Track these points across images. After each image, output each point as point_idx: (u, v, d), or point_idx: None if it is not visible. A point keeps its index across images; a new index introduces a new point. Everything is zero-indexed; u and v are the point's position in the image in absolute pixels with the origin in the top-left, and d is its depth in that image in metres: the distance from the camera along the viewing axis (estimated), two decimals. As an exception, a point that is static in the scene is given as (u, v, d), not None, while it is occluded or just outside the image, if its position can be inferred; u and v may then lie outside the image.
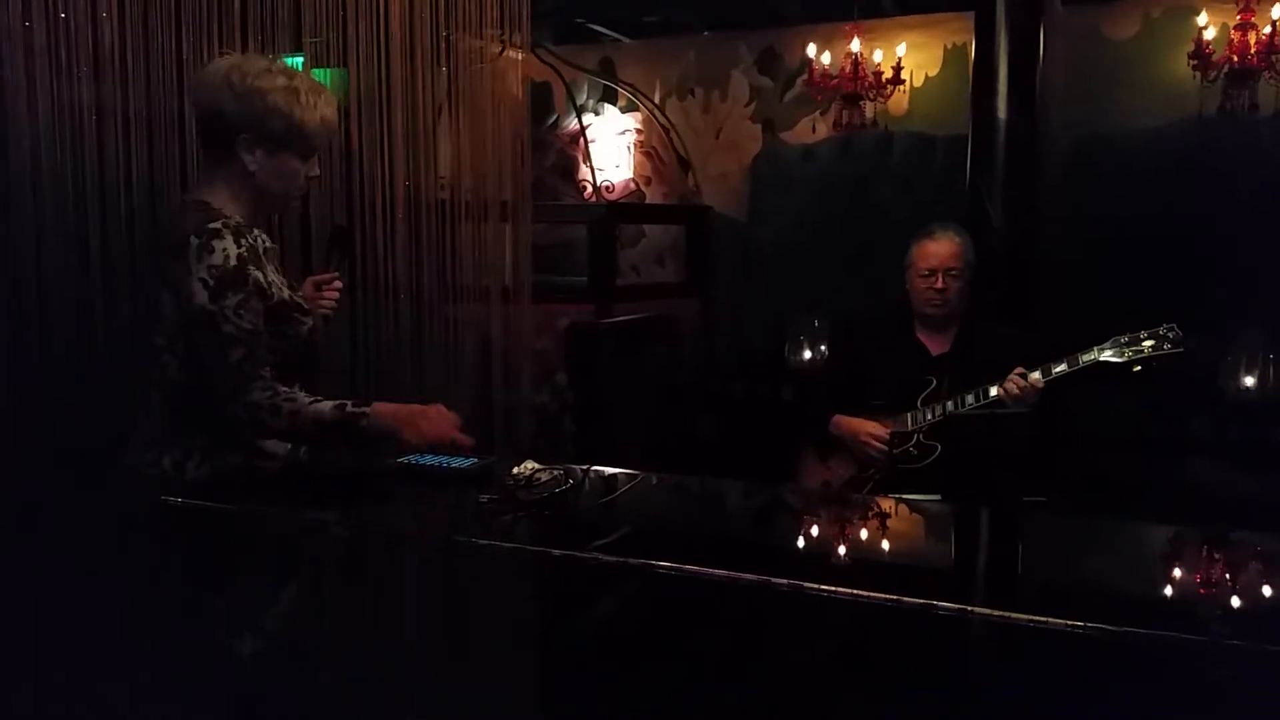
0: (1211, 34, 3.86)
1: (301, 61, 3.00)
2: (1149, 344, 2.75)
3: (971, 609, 1.40)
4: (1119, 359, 2.76)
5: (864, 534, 2.00)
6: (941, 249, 3.08)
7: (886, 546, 1.95)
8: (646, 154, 5.34)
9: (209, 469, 1.95)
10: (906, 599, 1.40)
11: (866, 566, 1.79)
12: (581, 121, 5.23)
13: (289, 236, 2.85)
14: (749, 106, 5.07)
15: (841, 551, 1.86)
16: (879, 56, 4.46)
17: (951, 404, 2.96)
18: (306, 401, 1.93)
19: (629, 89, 5.27)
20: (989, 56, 3.83)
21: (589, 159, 5.23)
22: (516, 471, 1.90)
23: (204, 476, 1.94)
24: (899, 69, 4.46)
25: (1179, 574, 1.77)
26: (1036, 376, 2.81)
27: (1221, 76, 3.84)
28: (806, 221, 4.91)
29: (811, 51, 4.52)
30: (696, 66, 5.18)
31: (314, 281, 2.26)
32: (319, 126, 2.00)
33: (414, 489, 2.00)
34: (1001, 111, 3.79)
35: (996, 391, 2.85)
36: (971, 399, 2.91)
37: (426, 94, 3.21)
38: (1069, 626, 1.30)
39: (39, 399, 2.45)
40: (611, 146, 5.35)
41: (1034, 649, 1.31)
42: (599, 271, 4.41)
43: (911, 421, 3.03)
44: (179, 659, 1.30)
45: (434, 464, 1.98)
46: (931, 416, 2.99)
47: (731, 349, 5.07)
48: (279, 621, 1.49)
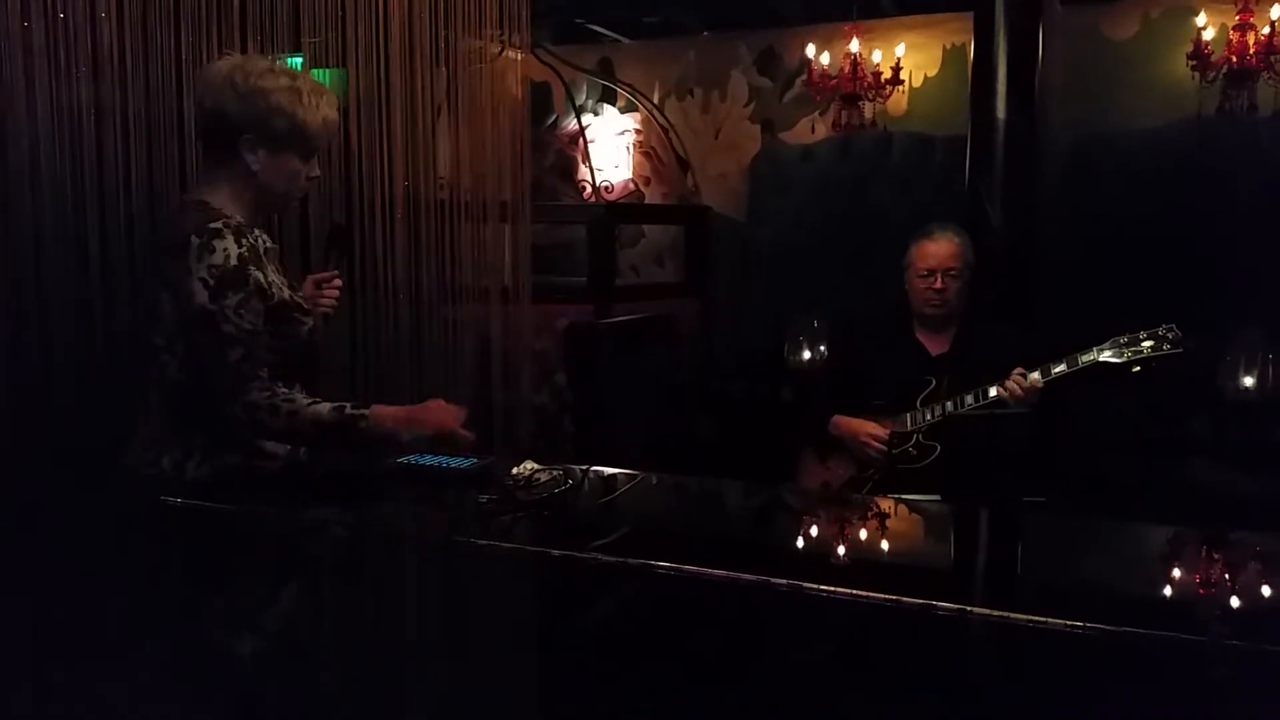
0: (1210, 34, 3.86)
1: (300, 62, 3.00)
2: (1148, 345, 2.75)
3: (971, 609, 1.40)
4: (1118, 360, 2.76)
5: (863, 534, 2.00)
6: (940, 249, 3.08)
7: (886, 547, 1.95)
8: (646, 154, 5.34)
9: (209, 469, 1.95)
10: (906, 599, 1.40)
11: (866, 567, 1.79)
12: (581, 122, 5.24)
13: (288, 236, 2.85)
14: (748, 107, 5.07)
15: (841, 552, 1.87)
16: (878, 57, 4.46)
17: (951, 404, 2.96)
18: (305, 403, 1.93)
19: (628, 89, 5.26)
20: (988, 57, 3.84)
21: (588, 159, 5.24)
22: (516, 472, 1.91)
23: (204, 476, 1.94)
24: (898, 69, 4.46)
25: (1178, 574, 1.77)
26: (1036, 377, 2.81)
27: (1220, 77, 3.85)
28: (805, 222, 4.91)
29: (810, 52, 4.52)
30: (696, 67, 5.18)
31: (314, 280, 2.26)
32: (321, 127, 2.01)
33: (414, 489, 2.00)
34: (1000, 112, 3.79)
35: (996, 392, 2.85)
36: (971, 399, 2.91)
37: (426, 94, 3.21)
38: (1068, 626, 1.30)
39: (39, 399, 2.45)
40: (611, 147, 5.35)
41: (1033, 649, 1.32)
42: (598, 272, 4.41)
43: (911, 422, 3.03)
44: (179, 659, 1.30)
45: (434, 464, 1.99)
46: (931, 417, 2.99)
47: (731, 349, 5.06)
48: (279, 621, 1.49)
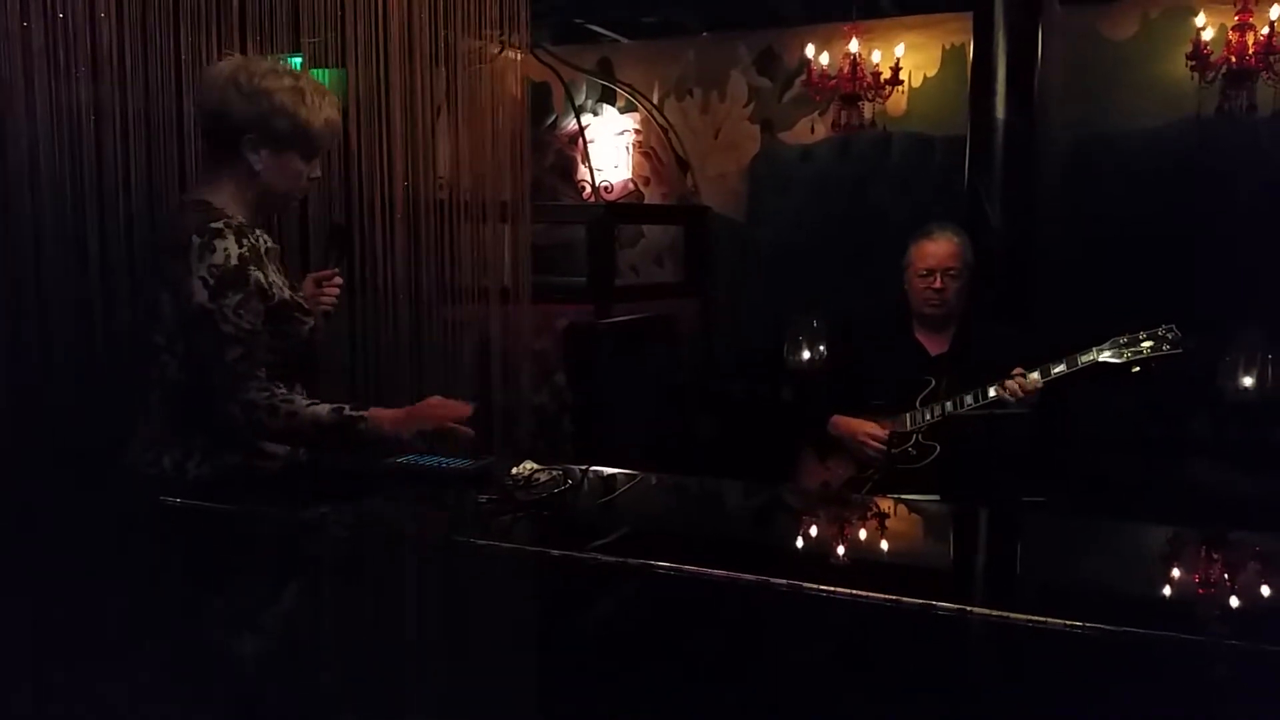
0: (1209, 34, 3.86)
1: (300, 62, 3.00)
2: (1148, 345, 2.75)
3: (970, 609, 1.40)
4: (1118, 360, 2.76)
5: (863, 534, 2.00)
6: (940, 249, 3.08)
7: (885, 547, 1.95)
8: (645, 154, 5.34)
9: (209, 469, 1.95)
10: (905, 599, 1.40)
11: (865, 567, 1.79)
12: (580, 122, 5.24)
13: (288, 236, 2.85)
14: (747, 107, 5.07)
15: (840, 552, 1.87)
16: (877, 57, 4.46)
17: (950, 404, 2.96)
18: (304, 403, 1.94)
19: (628, 89, 5.26)
20: (987, 57, 3.84)
21: (588, 159, 5.24)
22: (515, 472, 1.91)
23: (204, 476, 1.94)
24: (897, 69, 4.46)
25: (1178, 574, 1.77)
26: (1035, 377, 2.81)
27: (1220, 77, 3.85)
28: (805, 222, 4.91)
29: (810, 52, 4.52)
30: (695, 67, 5.18)
31: (314, 278, 2.27)
32: (324, 127, 2.01)
33: (414, 489, 2.00)
34: (1000, 112, 3.79)
35: (995, 392, 2.85)
36: (970, 399, 2.91)
37: (425, 94, 3.21)
38: (1068, 626, 1.30)
39: (39, 399, 2.45)
40: (610, 147, 5.35)
41: (1033, 649, 1.32)
42: (598, 272, 4.41)
43: (910, 422, 3.03)
44: (179, 659, 1.30)
45: (433, 464, 1.98)
46: (930, 417, 2.99)
47: (730, 349, 5.06)
48: (279, 621, 1.49)
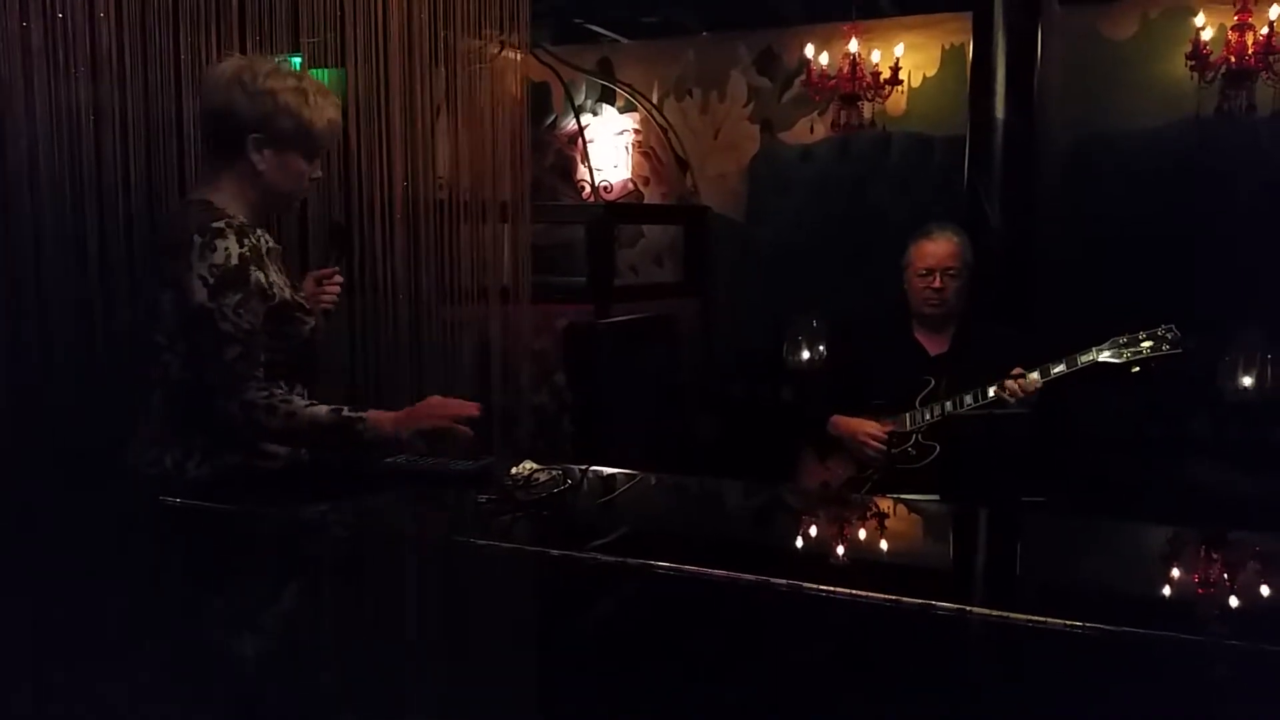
0: (1209, 34, 3.86)
1: (300, 61, 3.00)
2: (1147, 345, 2.75)
3: (970, 609, 1.40)
4: (1117, 360, 2.76)
5: (863, 534, 2.00)
6: (939, 249, 3.08)
7: (885, 547, 1.95)
8: (645, 154, 5.34)
9: (210, 468, 1.95)
10: (905, 599, 1.40)
11: (865, 567, 1.79)
12: (580, 122, 5.24)
13: (288, 236, 2.85)
14: (747, 107, 5.07)
15: (840, 552, 1.87)
16: (877, 57, 4.46)
17: (950, 404, 2.96)
18: (303, 404, 1.94)
19: (627, 89, 5.26)
20: (987, 57, 3.84)
21: (587, 159, 5.23)
22: (515, 472, 1.91)
23: (205, 476, 1.94)
24: (897, 69, 4.45)
25: (1178, 574, 1.77)
26: (1035, 377, 2.81)
27: (1219, 77, 3.84)
28: (805, 222, 4.91)
29: (809, 52, 4.52)
30: (695, 67, 5.18)
31: (315, 277, 2.27)
32: (326, 128, 2.03)
33: (414, 489, 2.00)
34: (999, 112, 3.79)
35: (995, 392, 2.85)
36: (970, 399, 2.91)
37: (425, 94, 3.21)
38: (1068, 626, 1.30)
39: (39, 399, 2.45)
40: (610, 147, 5.35)
41: (1033, 649, 1.32)
42: (597, 272, 4.41)
43: (910, 422, 3.03)
44: (179, 659, 1.30)
45: (434, 465, 1.98)
46: (930, 417, 2.99)
47: (730, 349, 5.07)
48: (279, 621, 1.49)
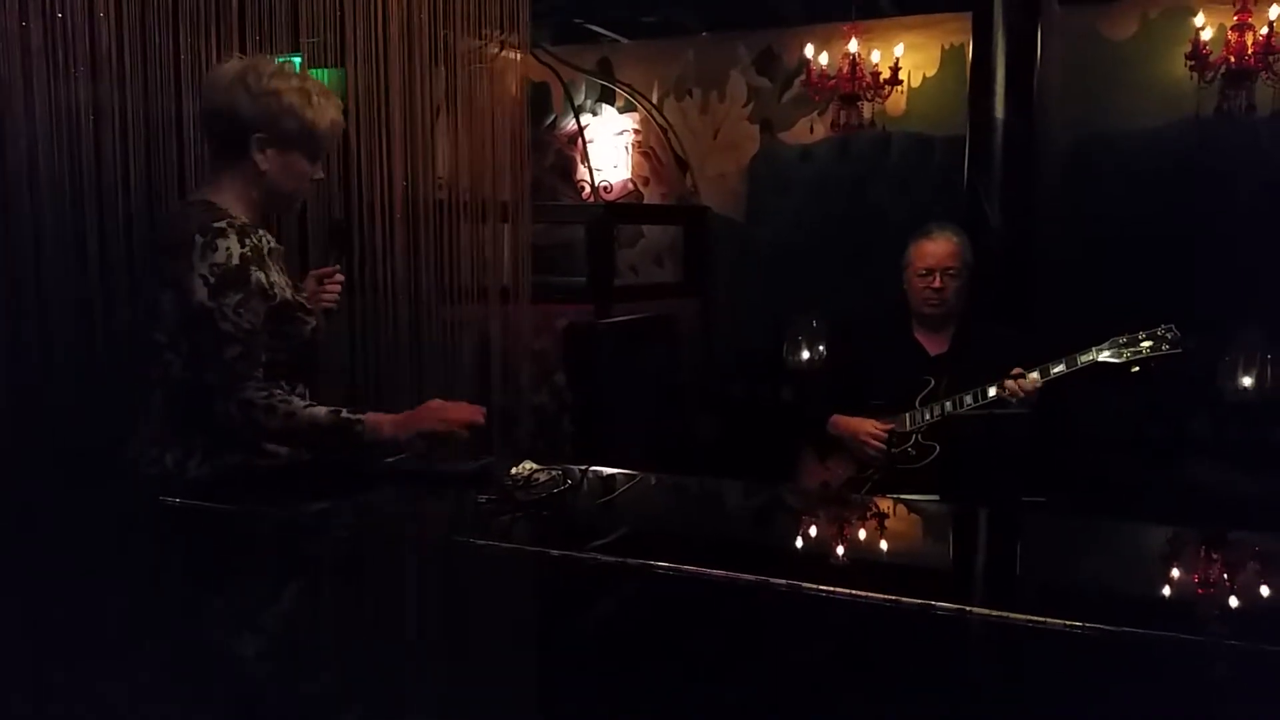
0: (1209, 34, 3.86)
1: (299, 62, 3.00)
2: (1147, 345, 2.75)
3: (970, 609, 1.40)
4: (1117, 360, 2.76)
5: (862, 534, 2.00)
6: (939, 249, 3.08)
7: (885, 547, 1.95)
8: (644, 154, 5.34)
9: (210, 468, 1.95)
10: (905, 599, 1.40)
11: (865, 567, 1.79)
12: (579, 122, 5.24)
13: (287, 236, 2.85)
14: (747, 107, 5.07)
15: (840, 552, 1.87)
16: (877, 57, 4.46)
17: (950, 404, 2.96)
18: (302, 405, 1.95)
19: (627, 89, 5.26)
20: (986, 57, 3.84)
21: (587, 159, 5.23)
22: (515, 472, 1.90)
23: (205, 475, 1.94)
24: (897, 69, 4.46)
25: (1178, 574, 1.77)
26: (1035, 377, 2.81)
27: (1219, 77, 3.85)
28: (804, 222, 4.91)
29: (809, 52, 4.52)
30: (694, 67, 5.18)
31: (315, 276, 2.28)
32: (329, 128, 2.04)
33: (414, 489, 2.00)
34: (999, 112, 3.79)
35: (995, 392, 2.85)
36: (970, 399, 2.91)
37: (425, 94, 3.21)
38: (1067, 627, 1.30)
39: (39, 399, 2.45)
40: (609, 147, 5.35)
41: (1032, 649, 1.32)
42: (597, 272, 4.41)
43: (910, 422, 3.03)
44: (179, 659, 1.30)
45: (433, 466, 1.99)
46: (930, 417, 2.99)
47: (730, 349, 5.06)
48: (279, 621, 1.49)
